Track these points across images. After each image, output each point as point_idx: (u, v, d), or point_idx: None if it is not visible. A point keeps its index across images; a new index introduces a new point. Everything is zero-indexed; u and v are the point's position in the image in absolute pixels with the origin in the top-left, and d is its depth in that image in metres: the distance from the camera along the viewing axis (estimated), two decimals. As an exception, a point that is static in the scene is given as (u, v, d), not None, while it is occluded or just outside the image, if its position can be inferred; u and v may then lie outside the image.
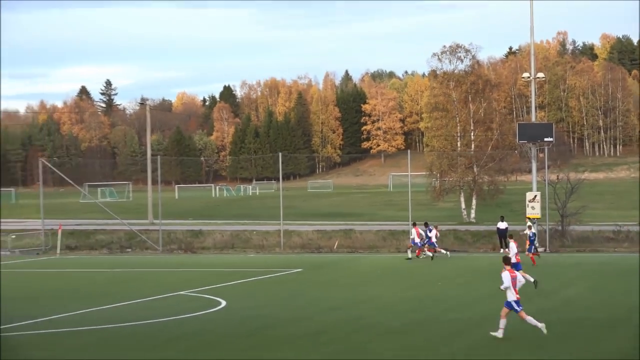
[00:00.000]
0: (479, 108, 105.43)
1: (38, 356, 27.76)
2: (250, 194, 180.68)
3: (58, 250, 74.80)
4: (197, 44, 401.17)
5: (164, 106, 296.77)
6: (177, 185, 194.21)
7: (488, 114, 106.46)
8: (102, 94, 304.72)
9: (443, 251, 63.96)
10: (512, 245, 49.11)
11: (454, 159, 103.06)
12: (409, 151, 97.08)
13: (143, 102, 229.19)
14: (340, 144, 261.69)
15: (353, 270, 57.39)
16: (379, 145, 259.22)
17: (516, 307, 29.60)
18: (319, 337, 30.59)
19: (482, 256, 66.77)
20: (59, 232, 76.57)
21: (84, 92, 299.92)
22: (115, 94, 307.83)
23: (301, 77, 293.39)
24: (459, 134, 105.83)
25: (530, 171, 76.99)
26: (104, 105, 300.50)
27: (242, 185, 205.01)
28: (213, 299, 41.34)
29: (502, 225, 70.79)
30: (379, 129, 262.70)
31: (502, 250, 69.47)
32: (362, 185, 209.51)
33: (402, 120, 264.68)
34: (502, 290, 29.89)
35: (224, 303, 40.03)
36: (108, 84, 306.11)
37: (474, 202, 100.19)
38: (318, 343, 29.42)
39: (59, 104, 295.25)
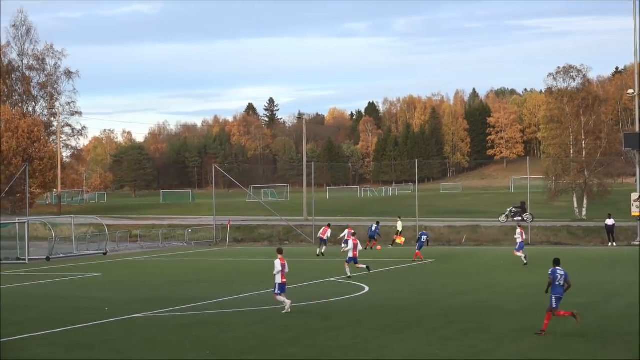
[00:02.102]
0: (589, 120, 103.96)
1: (213, 332, 28.07)
2: (390, 194, 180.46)
3: (227, 242, 75.85)
4: (346, 67, 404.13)
5: (318, 120, 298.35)
6: (327, 187, 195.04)
7: (597, 125, 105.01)
8: (266, 110, 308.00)
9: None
10: None
11: (568, 164, 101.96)
12: (528, 158, 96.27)
13: (300, 117, 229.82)
14: (468, 152, 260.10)
15: (478, 260, 57.05)
16: (501, 153, 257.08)
17: None
18: (447, 317, 30.44)
19: (592, 249, 65.81)
20: (228, 227, 77.59)
21: (250, 108, 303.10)
22: (277, 110, 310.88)
23: (435, 94, 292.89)
24: (571, 143, 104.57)
25: (634, 175, 75.62)
26: (267, 119, 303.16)
27: (383, 187, 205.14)
28: (358, 285, 41.44)
29: (610, 222, 69.77)
30: (501, 138, 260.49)
31: (610, 244, 68.42)
32: (487, 187, 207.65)
33: (522, 131, 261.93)
34: None
35: (367, 288, 40.07)
36: (271, 101, 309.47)
37: (584, 201, 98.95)
38: (447, 322, 29.25)
39: (230, 119, 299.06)
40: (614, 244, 68.54)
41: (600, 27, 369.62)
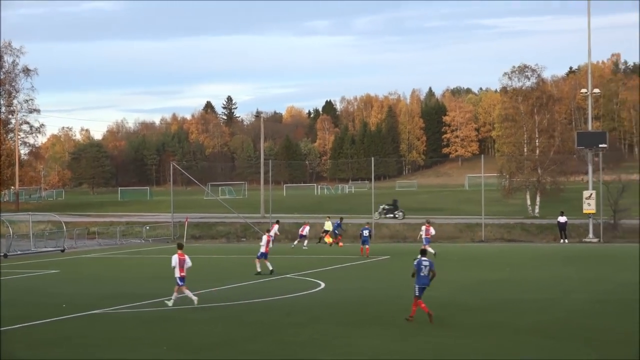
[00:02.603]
0: (543, 119, 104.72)
1: (173, 329, 27.78)
2: (347, 192, 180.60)
3: (185, 239, 75.43)
4: (305, 66, 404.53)
5: (276, 118, 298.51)
6: (285, 185, 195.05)
7: (551, 124, 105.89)
8: (224, 108, 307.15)
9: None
10: None
11: (522, 162, 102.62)
12: (482, 156, 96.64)
13: (258, 115, 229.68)
14: (423, 150, 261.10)
15: (436, 257, 57.03)
16: (457, 151, 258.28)
17: None
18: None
19: (545, 246, 66.13)
20: (186, 224, 77.31)
21: (209, 106, 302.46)
22: (235, 108, 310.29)
23: (391, 93, 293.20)
24: (525, 141, 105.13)
25: (587, 172, 76.13)
26: (225, 117, 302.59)
27: (340, 185, 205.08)
28: (314, 281, 41.29)
29: (562, 219, 70.26)
30: (457, 137, 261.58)
31: (562, 240, 68.80)
32: (443, 185, 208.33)
33: (477, 130, 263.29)
34: None
35: (322, 284, 39.93)
36: (229, 99, 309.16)
37: (538, 199, 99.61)
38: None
39: (188, 117, 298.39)
40: (566, 240, 69.01)
41: (556, 27, 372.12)
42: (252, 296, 35.11)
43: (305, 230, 64.42)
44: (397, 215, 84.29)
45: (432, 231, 57.33)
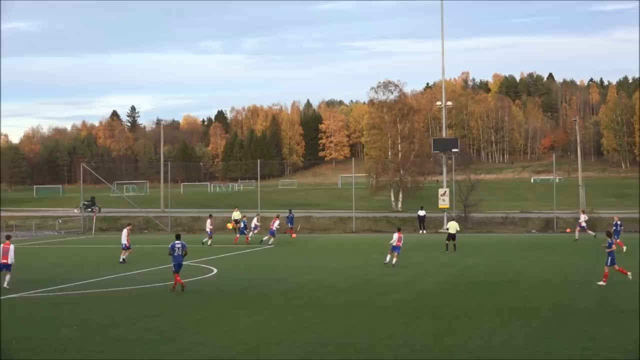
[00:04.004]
0: (405, 127, 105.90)
1: (80, 311, 27.48)
2: (237, 190, 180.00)
3: (93, 231, 74.38)
4: (200, 80, 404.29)
5: (174, 125, 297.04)
6: (182, 183, 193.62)
7: (411, 131, 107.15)
8: (129, 116, 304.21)
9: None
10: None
11: (386, 164, 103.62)
12: (353, 159, 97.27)
13: (158, 122, 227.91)
14: (302, 153, 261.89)
15: (312, 245, 57.37)
16: (331, 154, 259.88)
17: None
18: (287, 294, 30.49)
19: (407, 236, 66.75)
20: (94, 217, 76.18)
21: (115, 114, 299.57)
22: (138, 116, 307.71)
23: (275, 104, 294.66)
24: (389, 146, 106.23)
25: (441, 173, 77.22)
26: (129, 124, 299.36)
27: (230, 183, 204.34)
28: (208, 267, 41.19)
29: (422, 213, 71.06)
30: (331, 142, 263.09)
31: (421, 231, 69.67)
32: (319, 183, 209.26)
33: (348, 136, 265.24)
34: None
35: (215, 270, 39.86)
36: (133, 108, 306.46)
37: (400, 195, 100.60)
38: (287, 298, 29.29)
39: (96, 123, 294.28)
40: (424, 231, 69.81)
41: (415, 49, 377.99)
42: (151, 281, 34.91)
43: (275, 224, 60.36)
44: (94, 210, 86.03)
45: (277, 224, 57.32)
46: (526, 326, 22.88)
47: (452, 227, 49.53)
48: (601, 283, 31.79)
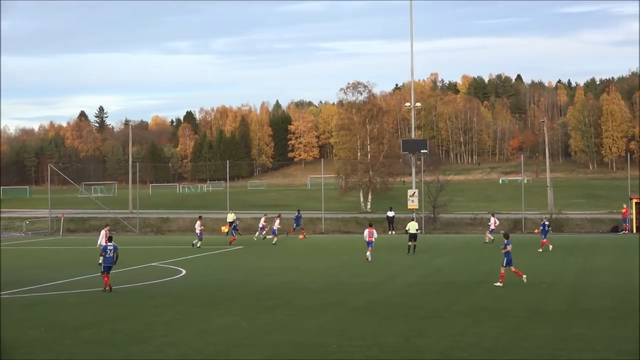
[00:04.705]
0: (374, 128, 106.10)
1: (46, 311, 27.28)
2: (205, 191, 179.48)
3: (61, 233, 73.87)
4: (169, 80, 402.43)
5: (143, 126, 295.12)
6: (151, 184, 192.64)
7: (380, 132, 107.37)
8: (97, 116, 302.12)
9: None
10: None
11: (356, 165, 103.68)
12: (322, 159, 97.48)
13: (127, 123, 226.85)
14: (272, 154, 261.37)
15: (282, 246, 57.27)
16: (300, 155, 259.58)
17: None
18: (260, 295, 30.44)
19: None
20: (62, 219, 75.66)
21: (83, 115, 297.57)
22: (106, 117, 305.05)
23: (244, 105, 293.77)
24: (359, 147, 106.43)
25: (411, 174, 77.43)
26: (97, 125, 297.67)
27: (199, 184, 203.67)
28: (177, 269, 41.04)
29: (391, 213, 71.12)
30: (300, 143, 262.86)
31: (390, 232, 69.73)
32: (288, 184, 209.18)
33: (318, 137, 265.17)
34: None
35: (184, 271, 39.73)
36: (101, 109, 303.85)
37: (370, 196, 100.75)
38: (258, 299, 29.25)
39: (64, 124, 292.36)
40: (393, 232, 69.80)
41: (384, 50, 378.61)
42: (120, 282, 34.67)
43: (276, 224, 59.96)
44: None
45: (277, 223, 57.53)
46: (496, 326, 22.99)
47: (412, 227, 49.28)
48: (497, 284, 32.15)
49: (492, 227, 57.85)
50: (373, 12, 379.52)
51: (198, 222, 57.27)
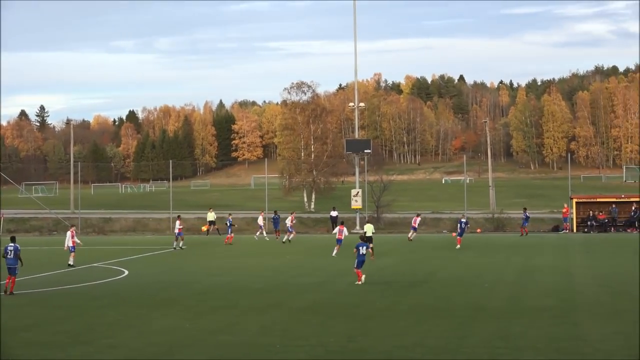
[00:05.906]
0: (318, 128, 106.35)
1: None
2: (148, 190, 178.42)
3: (0, 233, 72.84)
4: (111, 80, 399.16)
5: (84, 125, 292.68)
6: (93, 184, 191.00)
7: (324, 132, 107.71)
8: (38, 116, 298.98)
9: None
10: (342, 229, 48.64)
11: (299, 165, 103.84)
12: (266, 159, 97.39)
13: (68, 122, 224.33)
14: (215, 154, 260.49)
15: (226, 247, 57.11)
16: (244, 155, 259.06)
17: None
18: (202, 296, 30.33)
19: (319, 237, 67.09)
20: (1, 219, 74.66)
21: (23, 114, 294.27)
22: (48, 116, 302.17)
23: (187, 104, 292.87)
24: (302, 147, 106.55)
25: (354, 174, 77.71)
26: (38, 124, 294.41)
27: (142, 184, 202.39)
28: (119, 269, 40.73)
29: (334, 213, 71.31)
30: (244, 142, 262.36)
31: (333, 231, 69.81)
32: (232, 184, 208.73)
33: (261, 137, 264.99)
34: None
35: (126, 272, 39.44)
36: (42, 108, 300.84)
37: (313, 196, 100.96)
38: (201, 300, 29.13)
39: (4, 123, 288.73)
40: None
41: (328, 50, 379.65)
42: (61, 283, 34.33)
43: (289, 221, 60.05)
44: None
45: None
46: (439, 325, 23.14)
47: (369, 229, 49.28)
48: (358, 282, 32.91)
49: (415, 225, 59.03)
50: (317, 12, 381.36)
51: (177, 222, 56.10)
